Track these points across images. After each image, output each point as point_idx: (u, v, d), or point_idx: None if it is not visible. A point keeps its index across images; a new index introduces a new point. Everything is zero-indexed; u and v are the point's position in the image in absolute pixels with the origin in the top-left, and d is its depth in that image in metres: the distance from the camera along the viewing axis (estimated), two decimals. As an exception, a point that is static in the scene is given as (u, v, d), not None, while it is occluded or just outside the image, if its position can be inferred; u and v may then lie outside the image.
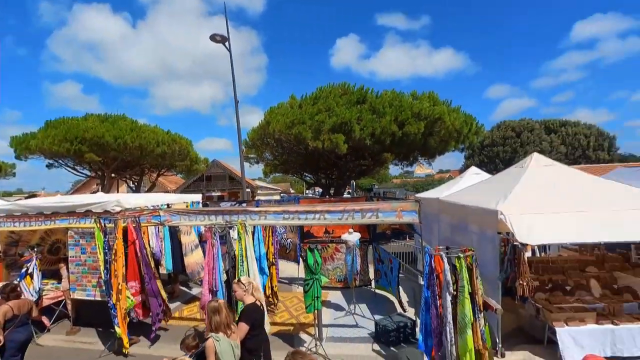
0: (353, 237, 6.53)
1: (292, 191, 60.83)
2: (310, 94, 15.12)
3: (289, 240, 8.55)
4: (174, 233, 7.55)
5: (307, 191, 58.93)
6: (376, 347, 5.34)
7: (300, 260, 8.02)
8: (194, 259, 7.90)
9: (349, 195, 18.77)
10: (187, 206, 8.45)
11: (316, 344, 5.25)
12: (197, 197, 10.67)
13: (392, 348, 5.23)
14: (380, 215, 4.98)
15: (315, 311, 5.39)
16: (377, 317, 5.96)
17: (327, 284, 7.60)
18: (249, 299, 3.63)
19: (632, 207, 4.80)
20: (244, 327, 3.39)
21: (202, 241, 8.01)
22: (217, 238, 5.13)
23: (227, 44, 11.99)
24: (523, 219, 4.61)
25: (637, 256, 6.49)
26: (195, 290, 8.29)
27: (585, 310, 4.92)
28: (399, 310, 6.32)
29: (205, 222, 5.46)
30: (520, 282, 4.51)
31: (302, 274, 6.82)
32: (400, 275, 6.71)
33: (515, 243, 4.57)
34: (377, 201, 7.20)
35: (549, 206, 4.88)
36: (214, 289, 4.98)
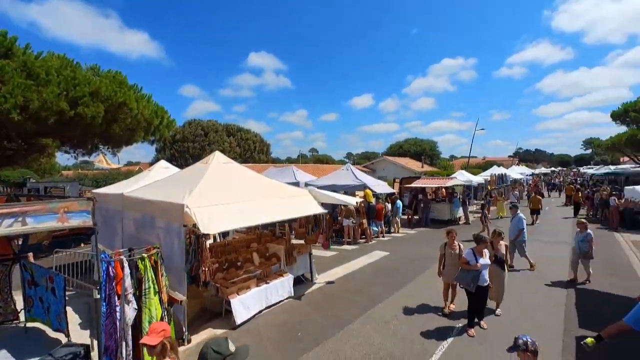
0: (-23, 258, 4.31)
1: None
2: None
3: None
4: None
5: None
6: (23, 404, 3.85)
7: None
8: None
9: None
10: None
11: None
12: None
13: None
14: (31, 220, 3.61)
15: None
16: (29, 360, 4.34)
17: None
18: None
19: (278, 196, 6.64)
20: None
21: None
22: None
23: None
24: (206, 211, 5.06)
25: (279, 231, 9.13)
26: None
27: (250, 278, 6.22)
28: (65, 340, 4.95)
29: None
30: (203, 268, 4.91)
31: None
32: (68, 293, 5.27)
33: (199, 233, 4.91)
34: (29, 201, 5.23)
35: (227, 197, 5.69)
36: None
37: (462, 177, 19.23)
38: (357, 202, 10.77)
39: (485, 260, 5.30)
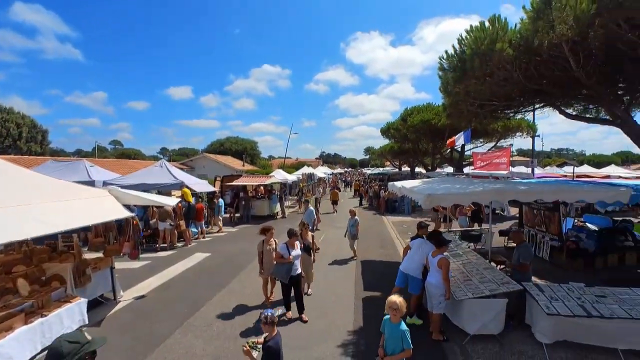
0: None
1: None
2: None
3: None
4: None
5: None
6: None
7: None
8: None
9: None
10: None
11: None
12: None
13: None
14: None
15: None
16: None
17: None
18: None
19: (61, 199, 5.09)
20: None
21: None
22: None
23: None
24: None
25: (63, 244, 7.03)
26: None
27: (13, 315, 4.47)
28: None
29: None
30: None
31: None
32: None
33: None
34: None
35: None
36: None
37: (279, 175, 20.96)
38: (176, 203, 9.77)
39: (296, 251, 5.77)
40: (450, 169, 21.56)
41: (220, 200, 14.48)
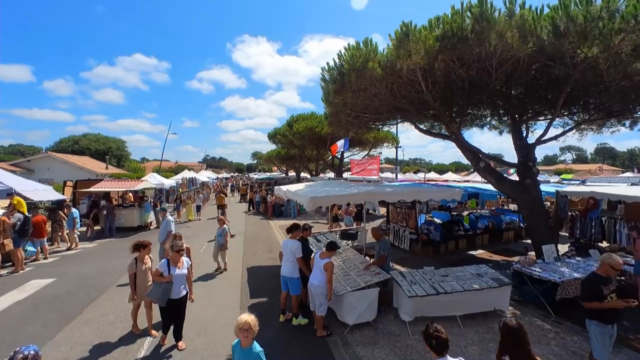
0: None
1: None
2: None
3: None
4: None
5: None
6: None
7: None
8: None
9: None
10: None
11: None
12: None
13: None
14: None
15: None
16: None
17: None
18: None
19: None
20: None
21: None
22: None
23: None
24: None
25: None
26: None
27: None
28: None
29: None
30: None
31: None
32: None
33: None
34: None
35: None
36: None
37: (153, 180, 18.54)
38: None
39: (181, 270, 4.90)
40: (331, 174, 23.36)
41: (74, 210, 11.77)
